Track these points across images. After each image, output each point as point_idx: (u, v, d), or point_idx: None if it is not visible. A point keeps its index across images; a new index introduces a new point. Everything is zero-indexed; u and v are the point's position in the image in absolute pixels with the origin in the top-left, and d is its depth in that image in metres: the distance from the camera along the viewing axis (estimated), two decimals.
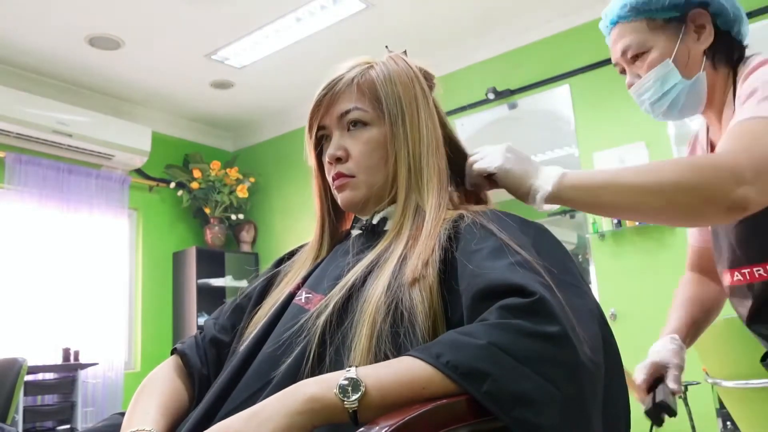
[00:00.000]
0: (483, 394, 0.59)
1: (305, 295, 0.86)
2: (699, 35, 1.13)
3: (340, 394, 0.61)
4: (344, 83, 0.90)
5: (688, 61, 1.13)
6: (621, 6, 1.14)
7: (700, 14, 1.12)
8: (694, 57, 1.13)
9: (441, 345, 0.63)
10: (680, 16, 1.12)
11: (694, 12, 1.12)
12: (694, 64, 1.13)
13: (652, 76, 1.13)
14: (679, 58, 1.12)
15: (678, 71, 1.12)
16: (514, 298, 0.64)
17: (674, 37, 1.12)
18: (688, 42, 1.12)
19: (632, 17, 1.13)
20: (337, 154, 0.90)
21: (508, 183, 0.98)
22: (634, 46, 1.14)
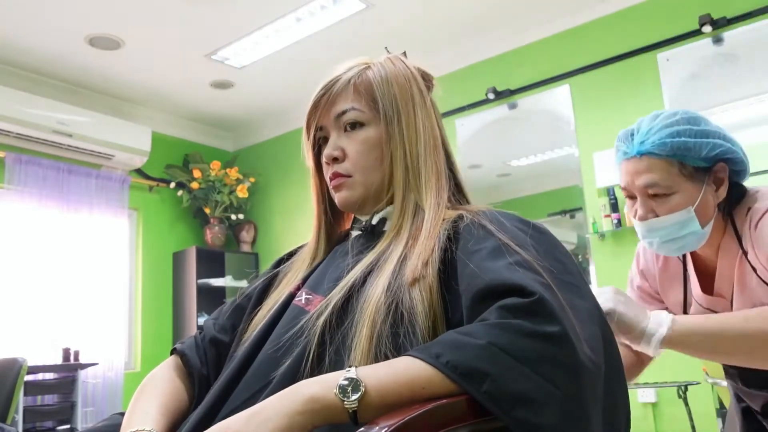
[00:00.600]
0: (483, 393, 0.59)
1: (305, 296, 0.87)
2: (717, 188, 1.15)
3: (340, 394, 0.61)
4: (341, 84, 0.90)
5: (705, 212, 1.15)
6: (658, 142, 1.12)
7: (723, 168, 1.15)
8: (710, 208, 1.15)
9: (441, 345, 0.63)
10: (707, 167, 1.14)
11: (719, 165, 1.14)
12: (709, 214, 1.16)
13: (671, 219, 1.14)
14: (699, 208, 1.13)
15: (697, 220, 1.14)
16: (513, 298, 0.65)
17: (699, 185, 1.13)
18: (708, 192, 1.14)
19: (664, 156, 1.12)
20: (334, 154, 0.90)
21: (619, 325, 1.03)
22: (662, 186, 1.13)
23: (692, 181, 1.13)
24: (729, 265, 1.21)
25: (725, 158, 1.14)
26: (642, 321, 1.04)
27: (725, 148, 1.13)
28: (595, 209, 3.46)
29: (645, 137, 1.14)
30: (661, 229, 1.16)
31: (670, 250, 1.20)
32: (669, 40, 3.32)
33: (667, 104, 3.27)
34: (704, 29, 3.16)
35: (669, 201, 1.14)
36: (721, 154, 1.13)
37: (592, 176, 3.49)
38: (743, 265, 1.17)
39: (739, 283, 1.19)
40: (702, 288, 1.27)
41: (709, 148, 1.12)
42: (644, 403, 3.18)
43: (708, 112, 3.26)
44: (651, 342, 1.03)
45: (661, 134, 1.13)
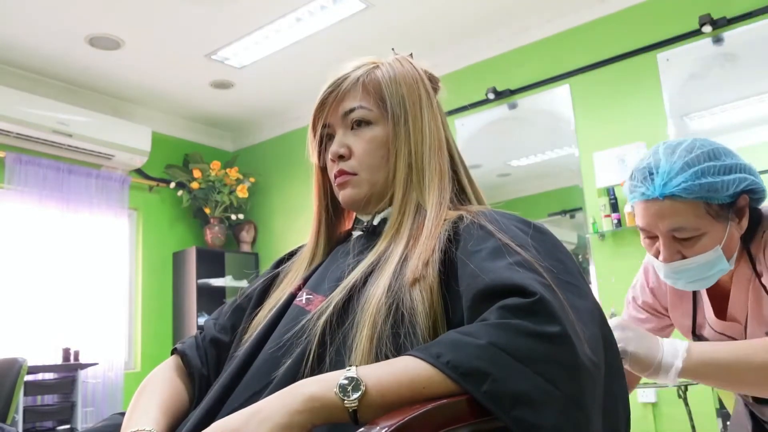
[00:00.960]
0: (483, 393, 0.59)
1: (306, 296, 0.87)
2: (740, 219, 1.12)
3: (340, 393, 0.61)
4: (350, 82, 0.90)
5: (731, 246, 1.12)
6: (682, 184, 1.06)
7: (745, 199, 1.11)
8: (736, 241, 1.13)
9: (441, 345, 0.64)
10: (732, 202, 1.10)
11: (741, 197, 1.10)
12: (734, 248, 1.13)
13: (700, 260, 1.10)
14: (726, 244, 1.10)
15: (725, 257, 1.11)
16: (514, 298, 0.65)
17: (725, 222, 1.09)
18: (733, 227, 1.11)
19: (690, 198, 1.06)
20: (340, 151, 0.90)
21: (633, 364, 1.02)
22: (690, 229, 1.08)
23: (718, 219, 1.09)
24: (743, 290, 1.18)
25: (748, 190, 1.10)
26: (656, 353, 1.02)
27: (749, 181, 1.09)
28: (595, 209, 3.46)
29: (667, 179, 1.08)
30: (688, 271, 1.11)
31: (696, 287, 1.16)
32: (669, 40, 3.32)
33: (667, 104, 3.27)
34: (704, 29, 3.16)
35: (697, 243, 1.09)
36: (746, 188, 1.09)
37: (592, 176, 3.49)
38: (757, 289, 1.15)
39: (753, 307, 1.17)
40: (715, 312, 1.24)
41: (735, 185, 1.07)
42: (644, 403, 3.18)
43: (708, 112, 3.26)
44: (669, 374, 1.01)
45: (684, 176, 1.07)
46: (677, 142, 1.13)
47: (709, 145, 1.11)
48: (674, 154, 1.10)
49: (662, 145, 1.15)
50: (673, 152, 1.11)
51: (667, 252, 1.11)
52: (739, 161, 1.11)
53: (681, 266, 1.11)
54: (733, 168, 1.09)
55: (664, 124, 3.26)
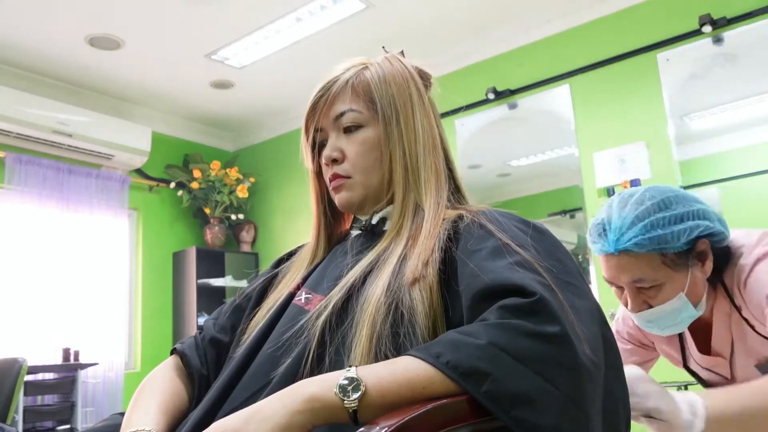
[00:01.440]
0: (483, 393, 0.59)
1: (305, 295, 0.87)
2: (703, 263, 1.13)
3: (340, 393, 0.61)
4: (339, 85, 0.90)
5: (696, 291, 1.13)
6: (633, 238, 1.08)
7: (704, 242, 1.11)
8: (700, 286, 1.13)
9: (441, 345, 0.63)
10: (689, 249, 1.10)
11: (700, 242, 1.10)
12: (700, 291, 1.14)
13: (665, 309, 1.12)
14: (690, 290, 1.11)
15: (690, 304, 1.12)
16: (514, 298, 0.64)
17: (685, 269, 1.10)
18: (695, 272, 1.12)
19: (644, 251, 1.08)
20: (333, 155, 0.90)
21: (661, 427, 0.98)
22: (649, 280, 1.10)
23: (677, 268, 1.10)
24: (724, 325, 1.19)
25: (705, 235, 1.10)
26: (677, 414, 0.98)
27: (702, 228, 1.09)
28: (595, 209, 3.46)
29: (619, 234, 1.10)
30: (658, 320, 1.14)
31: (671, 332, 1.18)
32: (669, 40, 3.32)
33: (667, 104, 3.27)
34: (704, 29, 3.16)
35: (660, 292, 1.11)
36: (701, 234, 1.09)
37: (592, 176, 3.49)
38: (738, 322, 1.15)
39: (738, 341, 1.17)
40: (698, 347, 1.25)
41: (687, 234, 1.08)
42: None
43: (708, 112, 3.26)
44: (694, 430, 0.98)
45: (635, 231, 1.08)
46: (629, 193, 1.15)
47: (660, 194, 1.12)
48: (625, 208, 1.11)
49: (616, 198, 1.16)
50: (624, 206, 1.12)
51: (633, 303, 1.14)
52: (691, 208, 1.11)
53: (649, 315, 1.14)
54: (685, 216, 1.09)
55: (664, 124, 3.26)
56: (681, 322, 1.14)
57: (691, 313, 1.13)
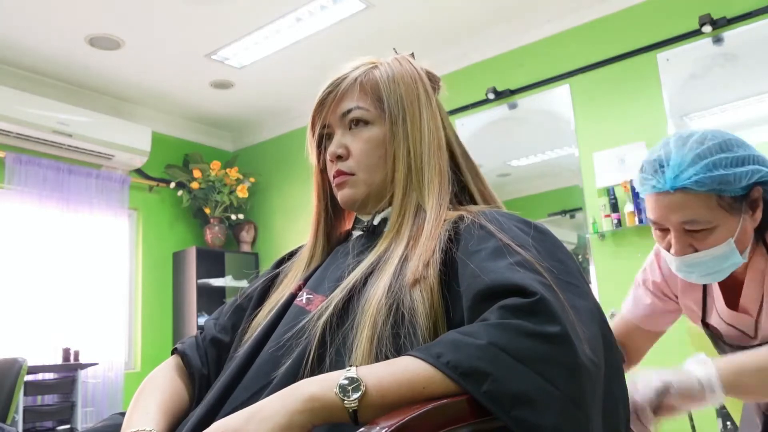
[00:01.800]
0: (483, 394, 0.59)
1: (306, 296, 0.87)
2: (754, 212, 1.10)
3: (340, 393, 0.61)
4: (348, 82, 0.91)
5: (744, 239, 1.11)
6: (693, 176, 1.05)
7: (758, 190, 1.09)
8: (749, 234, 1.11)
9: (441, 345, 0.64)
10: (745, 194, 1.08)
11: (754, 189, 1.09)
12: (747, 241, 1.12)
13: (712, 254, 1.09)
14: (738, 237, 1.09)
15: (737, 251, 1.10)
16: (514, 298, 0.65)
17: (738, 215, 1.08)
18: (746, 220, 1.10)
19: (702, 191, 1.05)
20: (338, 151, 0.90)
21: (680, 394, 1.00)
22: (702, 222, 1.07)
23: (731, 212, 1.07)
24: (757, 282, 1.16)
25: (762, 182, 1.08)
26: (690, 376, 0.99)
27: (763, 173, 1.07)
28: (595, 209, 3.46)
29: (678, 171, 1.06)
30: (701, 264, 1.10)
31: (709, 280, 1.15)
32: (669, 40, 3.32)
33: (667, 104, 3.27)
34: (704, 29, 3.16)
35: (709, 235, 1.08)
36: (759, 180, 1.07)
37: (592, 176, 3.49)
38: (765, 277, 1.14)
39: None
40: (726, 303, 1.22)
41: (747, 177, 1.06)
42: None
43: (708, 112, 3.26)
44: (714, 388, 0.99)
45: (696, 168, 1.05)
46: (688, 134, 1.12)
47: (720, 136, 1.09)
48: (685, 146, 1.09)
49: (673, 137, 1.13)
50: (684, 144, 1.09)
51: (678, 245, 1.10)
52: (752, 152, 1.09)
53: (693, 259, 1.10)
54: (746, 159, 1.07)
55: (664, 124, 3.26)
56: (724, 270, 1.11)
57: (736, 260, 1.10)
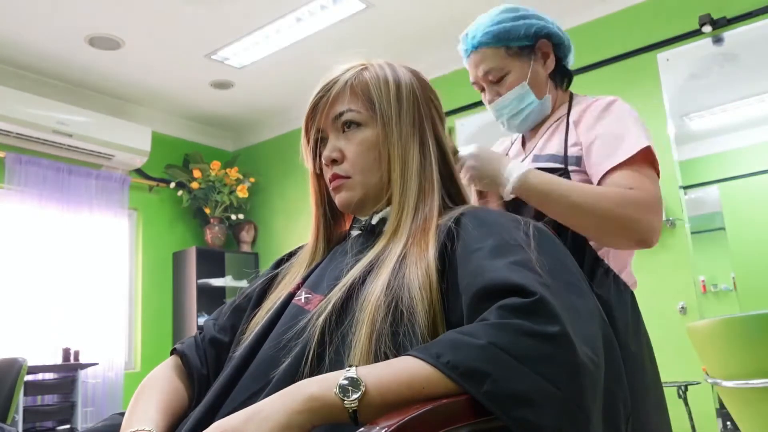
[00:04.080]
0: (483, 394, 0.59)
1: (305, 295, 0.87)
2: (545, 61, 1.34)
3: (340, 393, 0.62)
4: (338, 86, 0.91)
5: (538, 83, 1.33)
6: (483, 33, 1.30)
7: (545, 44, 1.33)
8: (542, 80, 1.33)
9: (441, 345, 0.63)
10: (530, 45, 1.31)
11: (541, 42, 1.32)
12: (542, 86, 1.33)
13: (511, 95, 1.32)
14: (531, 81, 1.32)
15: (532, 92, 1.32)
16: (514, 298, 0.64)
17: (527, 62, 1.32)
18: (537, 67, 1.32)
19: (492, 44, 1.30)
20: (333, 155, 0.90)
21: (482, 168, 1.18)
22: (496, 69, 1.31)
23: (520, 60, 1.30)
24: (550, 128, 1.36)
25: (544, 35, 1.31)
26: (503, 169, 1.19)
27: (540, 26, 1.31)
28: None
29: (474, 34, 1.32)
30: (506, 107, 1.33)
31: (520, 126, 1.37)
32: (669, 40, 3.32)
33: (667, 104, 3.27)
34: (704, 29, 3.16)
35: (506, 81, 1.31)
36: (539, 31, 1.31)
37: None
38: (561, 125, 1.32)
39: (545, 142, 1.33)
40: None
41: (525, 27, 1.30)
42: None
43: (708, 112, 3.27)
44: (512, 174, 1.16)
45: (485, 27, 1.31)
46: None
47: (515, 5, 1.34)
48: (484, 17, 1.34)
49: None
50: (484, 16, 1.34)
51: (489, 95, 1.35)
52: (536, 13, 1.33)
53: (499, 103, 1.34)
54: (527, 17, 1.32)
55: (663, 124, 3.26)
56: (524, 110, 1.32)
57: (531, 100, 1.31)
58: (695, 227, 3.22)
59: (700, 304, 3.10)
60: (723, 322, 1.76)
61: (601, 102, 1.29)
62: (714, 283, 3.33)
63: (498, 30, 1.30)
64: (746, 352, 1.72)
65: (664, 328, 2.75)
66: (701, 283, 3.23)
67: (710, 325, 1.80)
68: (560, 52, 1.36)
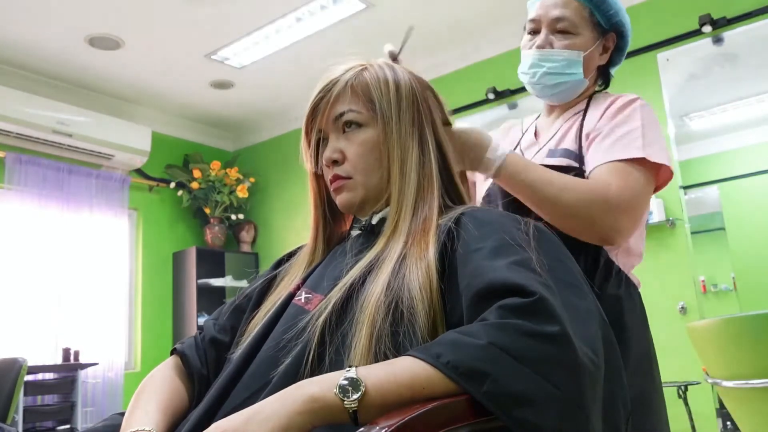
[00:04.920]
0: (483, 394, 0.59)
1: (305, 295, 0.87)
2: (604, 53, 1.31)
3: (340, 394, 0.62)
4: (339, 86, 0.91)
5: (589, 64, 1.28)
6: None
7: (612, 38, 1.30)
8: (594, 63, 1.30)
9: (441, 345, 0.63)
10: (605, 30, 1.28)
11: (612, 34, 1.30)
12: (590, 70, 1.30)
13: (564, 54, 1.26)
14: (587, 59, 1.27)
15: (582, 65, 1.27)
16: (514, 298, 0.64)
17: (594, 39, 1.28)
18: (597, 51, 1.29)
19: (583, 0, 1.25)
20: (334, 156, 0.90)
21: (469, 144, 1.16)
22: (570, 23, 1.25)
23: (592, 32, 1.27)
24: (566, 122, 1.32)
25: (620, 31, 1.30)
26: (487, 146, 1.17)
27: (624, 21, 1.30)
28: None
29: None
30: (551, 61, 1.27)
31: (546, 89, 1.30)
32: (669, 40, 3.32)
33: (667, 104, 3.27)
34: (704, 29, 3.16)
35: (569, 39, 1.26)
36: (620, 25, 1.29)
37: None
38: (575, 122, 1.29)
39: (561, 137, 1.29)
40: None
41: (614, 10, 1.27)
42: None
43: (708, 112, 3.27)
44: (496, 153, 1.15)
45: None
46: None
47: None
48: None
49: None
50: None
51: (541, 40, 1.28)
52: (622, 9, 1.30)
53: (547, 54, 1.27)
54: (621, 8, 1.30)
55: (664, 124, 3.26)
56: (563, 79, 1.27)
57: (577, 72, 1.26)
58: (695, 227, 3.22)
59: (700, 304, 3.10)
60: (723, 322, 1.76)
61: (622, 99, 1.26)
62: (714, 283, 3.33)
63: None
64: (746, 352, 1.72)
65: (664, 328, 2.75)
66: (701, 283, 3.23)
67: (710, 325, 1.80)
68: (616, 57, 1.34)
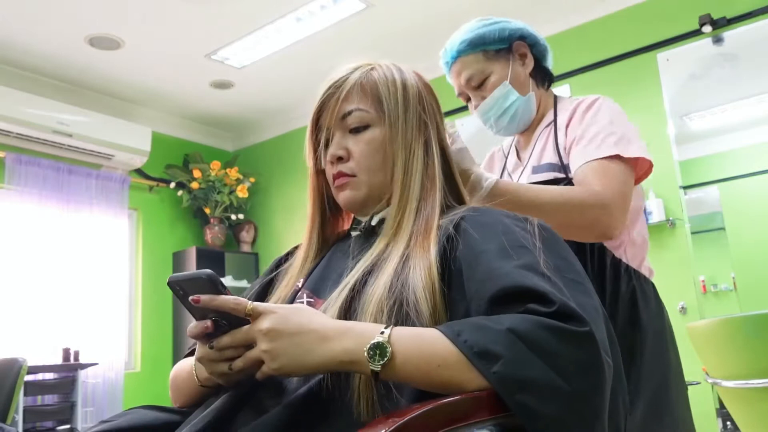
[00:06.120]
0: (492, 374, 0.61)
1: (307, 299, 0.87)
2: (523, 61, 1.39)
3: (369, 355, 0.66)
4: (348, 84, 0.91)
5: (519, 81, 1.37)
6: (459, 43, 1.36)
7: (521, 44, 1.38)
8: (523, 79, 1.38)
9: (464, 324, 0.66)
10: (507, 47, 1.37)
11: (516, 43, 1.37)
12: (524, 85, 1.38)
13: (495, 94, 1.35)
14: (513, 80, 1.35)
15: (514, 90, 1.35)
16: (536, 305, 0.65)
17: (506, 63, 1.36)
18: (516, 67, 1.37)
19: (470, 51, 1.36)
20: (339, 153, 0.90)
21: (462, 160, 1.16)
22: (477, 74, 1.36)
23: (498, 62, 1.35)
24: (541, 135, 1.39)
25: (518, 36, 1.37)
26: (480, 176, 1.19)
27: (513, 28, 1.37)
28: None
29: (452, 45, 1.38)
30: (491, 108, 1.37)
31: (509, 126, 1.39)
32: (669, 40, 3.32)
33: (667, 104, 3.27)
34: (704, 29, 3.16)
35: (488, 84, 1.35)
36: (513, 33, 1.37)
37: None
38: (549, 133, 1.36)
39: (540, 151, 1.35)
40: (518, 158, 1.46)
41: (499, 30, 1.36)
42: None
43: (708, 112, 3.27)
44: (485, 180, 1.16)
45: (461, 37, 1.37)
46: None
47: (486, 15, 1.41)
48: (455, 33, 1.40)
49: None
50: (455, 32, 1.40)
51: (475, 101, 1.39)
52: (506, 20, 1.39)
53: (485, 105, 1.37)
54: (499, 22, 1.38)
55: (664, 124, 3.26)
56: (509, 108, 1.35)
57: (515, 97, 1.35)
58: (695, 227, 3.22)
59: (700, 304, 3.10)
60: (723, 322, 1.77)
61: (585, 102, 1.33)
62: (714, 283, 3.33)
63: (473, 37, 1.35)
64: (746, 352, 1.72)
65: None
66: (701, 283, 3.23)
67: (710, 325, 1.80)
68: (537, 53, 1.41)
